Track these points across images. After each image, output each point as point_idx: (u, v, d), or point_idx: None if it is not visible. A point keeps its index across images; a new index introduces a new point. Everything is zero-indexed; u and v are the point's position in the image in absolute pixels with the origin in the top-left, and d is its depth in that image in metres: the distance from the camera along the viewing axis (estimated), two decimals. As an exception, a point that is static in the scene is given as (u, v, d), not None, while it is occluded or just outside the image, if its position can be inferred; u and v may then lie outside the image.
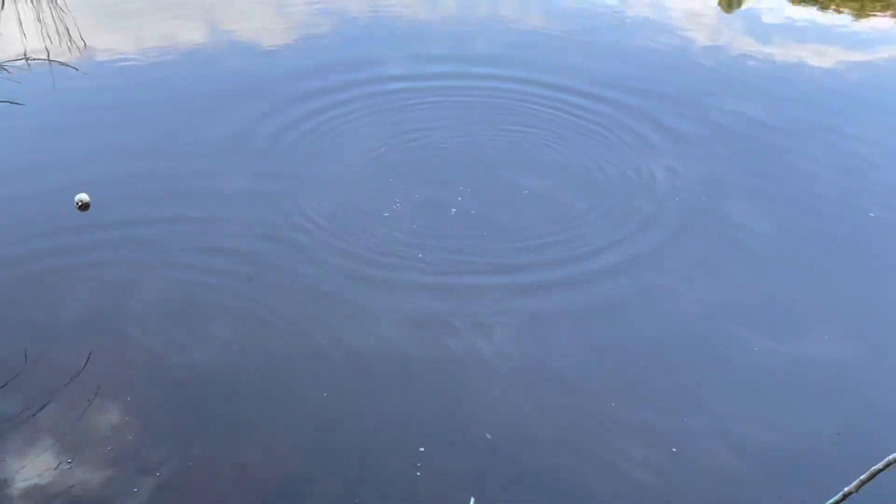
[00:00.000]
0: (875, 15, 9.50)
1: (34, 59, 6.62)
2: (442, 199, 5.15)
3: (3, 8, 8.09)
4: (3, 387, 3.50)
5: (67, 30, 7.86)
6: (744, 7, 9.74)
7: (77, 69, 6.69)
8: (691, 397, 3.66)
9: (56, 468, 3.10)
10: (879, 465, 2.31)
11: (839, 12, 9.56)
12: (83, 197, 4.90)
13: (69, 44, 7.49)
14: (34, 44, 7.39)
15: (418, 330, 4.02)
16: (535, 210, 5.13)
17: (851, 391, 3.71)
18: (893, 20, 9.33)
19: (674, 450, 3.31)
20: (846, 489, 2.39)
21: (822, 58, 7.92)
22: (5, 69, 5.39)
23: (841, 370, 3.84)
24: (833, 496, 2.37)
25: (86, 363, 3.67)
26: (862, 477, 2.38)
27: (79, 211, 4.87)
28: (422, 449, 3.23)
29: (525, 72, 7.26)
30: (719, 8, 9.69)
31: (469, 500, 1.89)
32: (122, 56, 7.36)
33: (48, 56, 7.07)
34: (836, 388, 3.74)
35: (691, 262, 4.66)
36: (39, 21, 8.06)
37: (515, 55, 7.76)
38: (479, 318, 4.10)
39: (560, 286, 4.38)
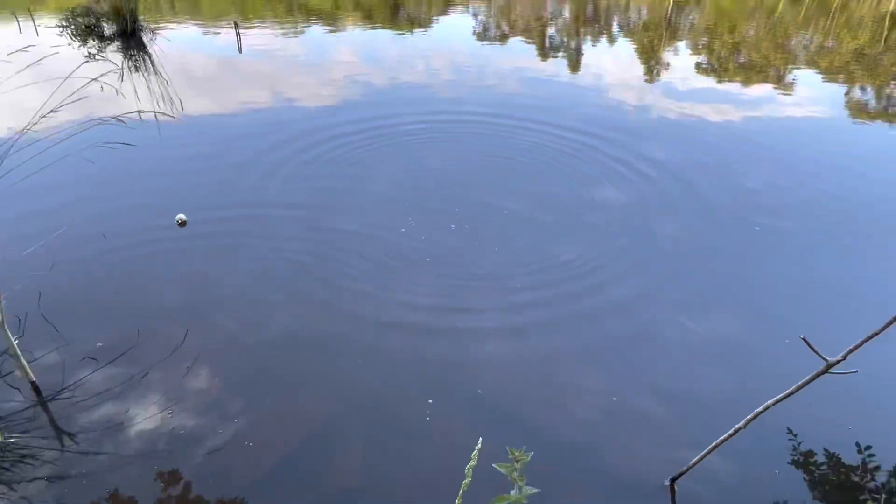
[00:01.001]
0: (758, 83, 9.62)
1: (144, 112, 6.66)
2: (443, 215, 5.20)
3: (122, 81, 8.31)
4: (122, 355, 3.54)
5: (169, 94, 7.95)
6: (664, 78, 9.82)
7: (174, 117, 6.77)
8: (630, 363, 3.70)
9: (160, 416, 3.13)
10: (760, 409, 2.37)
11: (732, 82, 9.67)
12: (182, 216, 4.93)
13: (170, 104, 7.58)
14: (145, 104, 7.48)
15: (429, 312, 4.04)
16: (513, 225, 5.15)
17: (744, 356, 3.75)
18: (771, 87, 9.43)
19: (614, 399, 3.35)
20: (737, 426, 2.45)
21: (719, 114, 8.02)
22: (122, 121, 5.47)
23: (735, 341, 3.88)
24: (727, 431, 2.42)
25: (183, 338, 3.72)
26: (748, 416, 2.44)
27: (178, 226, 4.90)
28: (430, 400, 3.27)
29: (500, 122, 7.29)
30: (645, 79, 9.77)
31: (477, 441, 1.85)
32: (209, 113, 7.42)
33: (154, 111, 7.15)
34: (732, 354, 3.77)
35: (629, 263, 4.69)
36: (148, 89, 8.16)
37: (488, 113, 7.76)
38: (472, 304, 4.13)
39: (535, 283, 4.41)
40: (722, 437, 2.42)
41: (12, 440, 2.95)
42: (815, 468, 2.98)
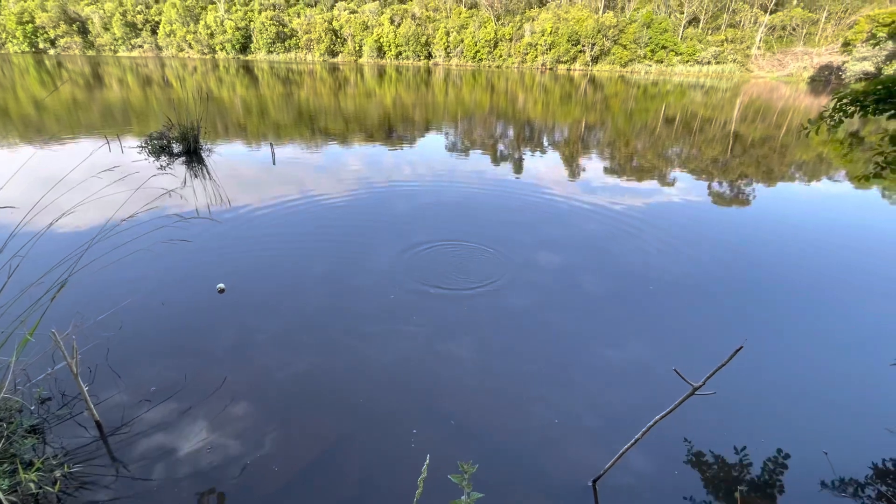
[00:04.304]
0: (646, 181, 10.20)
1: (200, 217, 6.76)
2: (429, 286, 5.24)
3: (185, 185, 8.47)
4: (171, 396, 3.41)
5: (219, 194, 8.09)
6: (581, 177, 10.37)
7: (219, 222, 6.79)
8: (567, 381, 3.71)
9: (199, 445, 3.01)
10: (650, 423, 2.40)
11: (630, 179, 10.25)
12: (221, 286, 4.91)
13: (220, 201, 7.69)
14: (202, 201, 7.58)
15: (414, 353, 4.01)
16: (477, 285, 5.22)
17: (647, 377, 3.78)
18: (657, 183, 10.03)
19: (556, 421, 3.32)
20: (635, 437, 2.46)
21: (624, 200, 8.43)
22: (182, 217, 5.52)
23: (642, 365, 3.93)
24: (636, 432, 2.42)
25: (220, 379, 3.61)
26: (643, 430, 2.46)
27: (218, 293, 4.85)
28: (414, 430, 3.19)
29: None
30: (569, 177, 10.30)
31: (426, 458, 1.83)
32: (250, 207, 7.51)
33: (209, 210, 7.23)
34: (640, 375, 3.80)
35: (563, 306, 4.79)
36: (204, 190, 8.29)
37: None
38: (449, 349, 4.11)
39: (492, 319, 4.43)
40: (626, 446, 2.44)
41: (76, 470, 2.78)
42: (707, 467, 2.98)
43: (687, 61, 58.25)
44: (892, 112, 3.43)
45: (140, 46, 75.12)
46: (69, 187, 3.69)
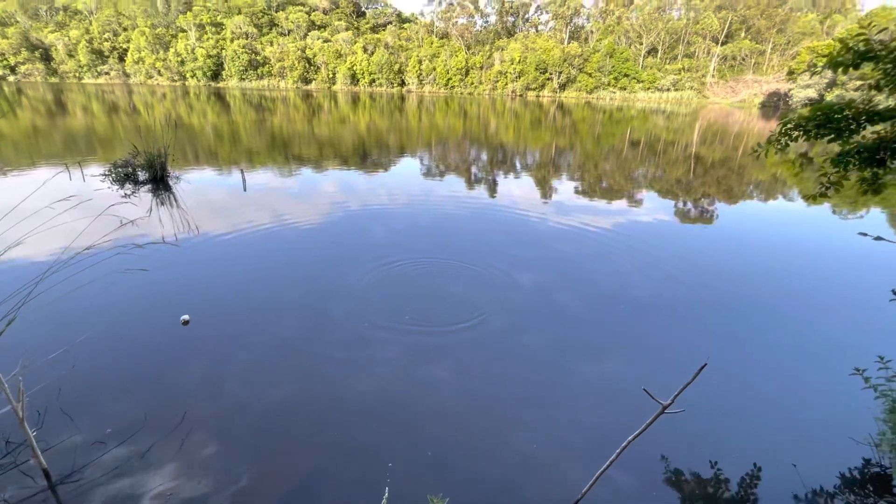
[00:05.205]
0: (616, 201, 10.55)
1: (165, 244, 6.55)
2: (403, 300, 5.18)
3: (150, 213, 8.22)
4: (129, 438, 3.21)
5: (186, 221, 7.87)
6: (554, 198, 10.63)
7: (186, 250, 6.57)
8: (544, 403, 3.68)
9: (166, 485, 2.84)
10: (624, 444, 2.41)
11: (600, 200, 10.57)
12: (185, 317, 4.73)
13: (186, 228, 7.48)
14: (168, 229, 7.35)
15: (392, 382, 3.93)
16: (456, 307, 5.19)
17: (625, 396, 3.81)
18: (626, 203, 10.38)
19: (534, 445, 3.28)
20: (610, 459, 2.47)
21: (595, 220, 8.64)
22: (140, 246, 5.31)
23: (619, 385, 3.95)
24: (615, 451, 2.43)
25: (186, 416, 3.43)
26: (617, 451, 2.47)
27: (182, 325, 4.66)
28: (390, 464, 3.10)
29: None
30: (542, 199, 10.55)
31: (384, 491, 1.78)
32: (218, 234, 7.32)
33: (176, 238, 7.01)
34: (620, 392, 3.83)
35: (540, 327, 4.80)
36: (171, 218, 8.06)
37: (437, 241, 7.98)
38: (430, 373, 4.05)
39: (470, 342, 4.40)
40: (602, 468, 2.43)
41: (18, 526, 2.55)
42: (685, 484, 3.00)
43: (648, 88, 61.56)
44: (832, 136, 3.70)
45: (107, 73, 73.65)
46: (21, 217, 3.53)
